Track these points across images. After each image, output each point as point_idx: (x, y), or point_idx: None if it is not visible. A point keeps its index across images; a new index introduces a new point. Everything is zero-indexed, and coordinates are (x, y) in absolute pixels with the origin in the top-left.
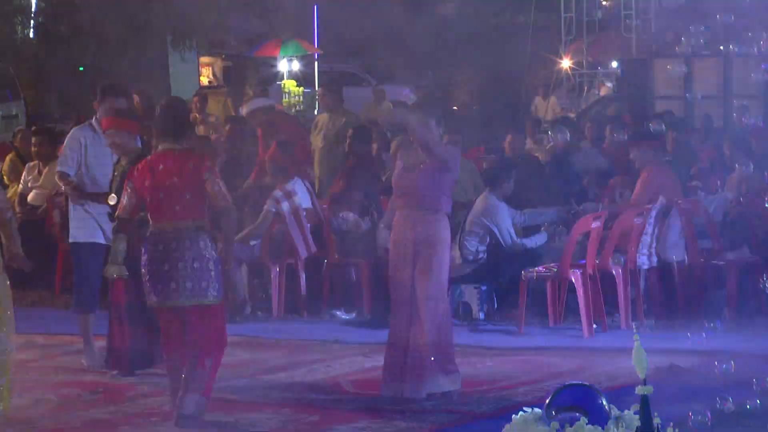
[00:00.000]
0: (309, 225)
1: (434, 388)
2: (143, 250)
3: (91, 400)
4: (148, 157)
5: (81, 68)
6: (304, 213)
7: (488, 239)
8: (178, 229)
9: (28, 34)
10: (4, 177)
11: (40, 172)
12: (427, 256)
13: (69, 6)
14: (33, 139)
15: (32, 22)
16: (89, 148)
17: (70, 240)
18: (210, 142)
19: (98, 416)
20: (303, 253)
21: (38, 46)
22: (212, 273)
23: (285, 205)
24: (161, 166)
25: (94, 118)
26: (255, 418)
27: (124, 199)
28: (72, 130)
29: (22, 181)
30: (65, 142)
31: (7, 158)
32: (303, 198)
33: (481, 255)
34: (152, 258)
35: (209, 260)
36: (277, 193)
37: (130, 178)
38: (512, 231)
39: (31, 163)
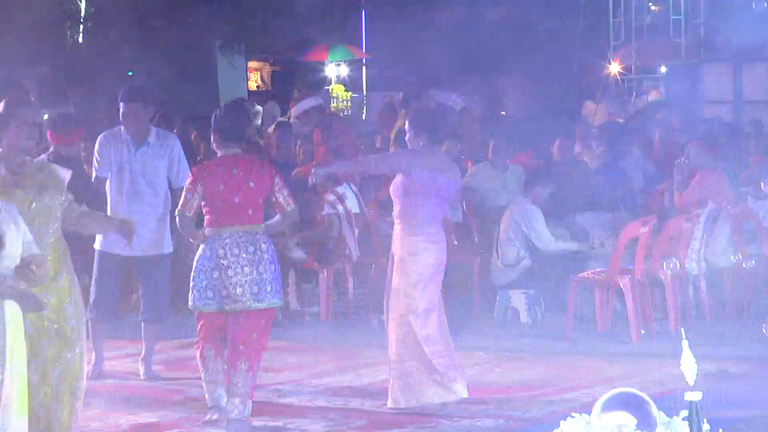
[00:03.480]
0: (356, 230)
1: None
2: (201, 252)
3: (138, 405)
4: (215, 160)
5: (130, 73)
6: (353, 218)
7: (530, 244)
8: (247, 233)
9: (77, 38)
10: None
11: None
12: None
13: (118, 11)
14: (82, 144)
15: (81, 26)
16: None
17: (95, 246)
18: (259, 147)
19: (146, 420)
20: (356, 256)
21: (87, 51)
22: (276, 276)
23: (339, 209)
24: (234, 170)
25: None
26: (302, 423)
27: (194, 200)
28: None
29: None
30: (96, 146)
31: None
32: (351, 203)
33: (524, 260)
34: (214, 262)
35: (272, 263)
36: (330, 197)
37: (198, 179)
38: (548, 233)
39: None
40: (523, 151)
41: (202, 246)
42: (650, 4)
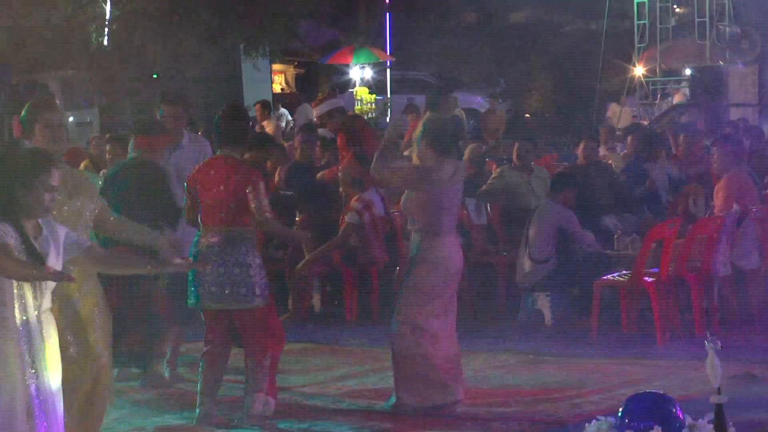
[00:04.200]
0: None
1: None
2: (192, 251)
3: (164, 407)
4: (205, 161)
5: (155, 75)
6: (380, 222)
7: (557, 246)
8: (222, 234)
9: (103, 42)
10: None
11: None
12: None
13: (143, 14)
14: (107, 147)
15: (106, 30)
16: None
17: None
18: (284, 150)
19: (171, 422)
20: (382, 261)
21: (112, 54)
22: (253, 279)
23: (366, 216)
24: (212, 172)
25: None
26: (327, 424)
27: (189, 200)
28: None
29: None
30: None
31: (81, 165)
32: (378, 207)
33: (551, 262)
34: (198, 260)
35: (250, 266)
36: (357, 204)
37: (190, 180)
38: (591, 235)
39: (105, 171)
40: (548, 153)
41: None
42: (675, 6)
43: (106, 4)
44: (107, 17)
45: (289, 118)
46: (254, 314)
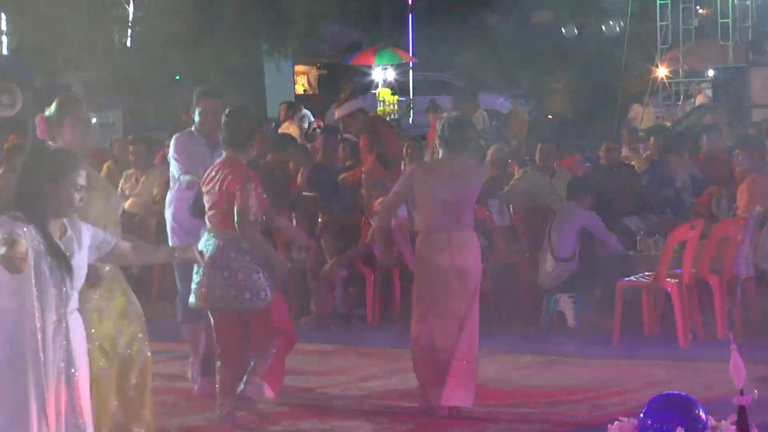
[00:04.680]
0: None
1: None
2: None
3: (186, 408)
4: (213, 163)
5: (177, 77)
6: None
7: (579, 248)
8: (222, 237)
9: (126, 43)
10: None
11: (137, 180)
12: None
13: (166, 16)
14: (130, 148)
15: (129, 31)
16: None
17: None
18: (306, 150)
19: (194, 423)
20: (411, 263)
21: (135, 55)
22: (253, 282)
23: (391, 220)
24: (212, 173)
25: (193, 126)
26: (349, 426)
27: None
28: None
29: (119, 189)
30: (173, 148)
31: (105, 166)
32: (401, 208)
33: (574, 262)
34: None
35: (249, 270)
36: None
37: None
38: (615, 237)
39: (128, 172)
40: (571, 154)
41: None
42: (698, 7)
43: (129, 6)
44: (130, 18)
45: (312, 119)
46: (259, 314)
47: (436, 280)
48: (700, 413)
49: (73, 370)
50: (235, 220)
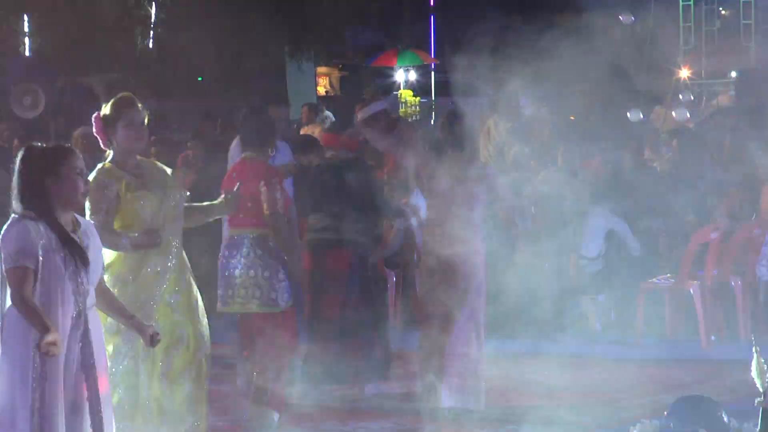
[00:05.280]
0: None
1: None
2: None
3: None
4: (233, 165)
5: (200, 78)
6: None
7: (604, 250)
8: (241, 236)
9: (148, 44)
10: None
11: None
12: None
13: (188, 17)
14: (152, 149)
15: (151, 32)
16: None
17: None
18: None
19: (216, 423)
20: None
21: (157, 57)
22: (269, 282)
23: (413, 221)
24: (234, 174)
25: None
26: (370, 427)
27: None
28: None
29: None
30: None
31: None
32: (424, 209)
33: (598, 262)
34: (221, 263)
35: (266, 269)
36: (406, 210)
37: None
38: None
39: None
40: (592, 156)
41: None
42: (720, 8)
43: (151, 7)
44: (152, 19)
45: (333, 120)
46: (272, 319)
47: (439, 278)
48: (723, 415)
49: (92, 362)
50: (264, 212)
